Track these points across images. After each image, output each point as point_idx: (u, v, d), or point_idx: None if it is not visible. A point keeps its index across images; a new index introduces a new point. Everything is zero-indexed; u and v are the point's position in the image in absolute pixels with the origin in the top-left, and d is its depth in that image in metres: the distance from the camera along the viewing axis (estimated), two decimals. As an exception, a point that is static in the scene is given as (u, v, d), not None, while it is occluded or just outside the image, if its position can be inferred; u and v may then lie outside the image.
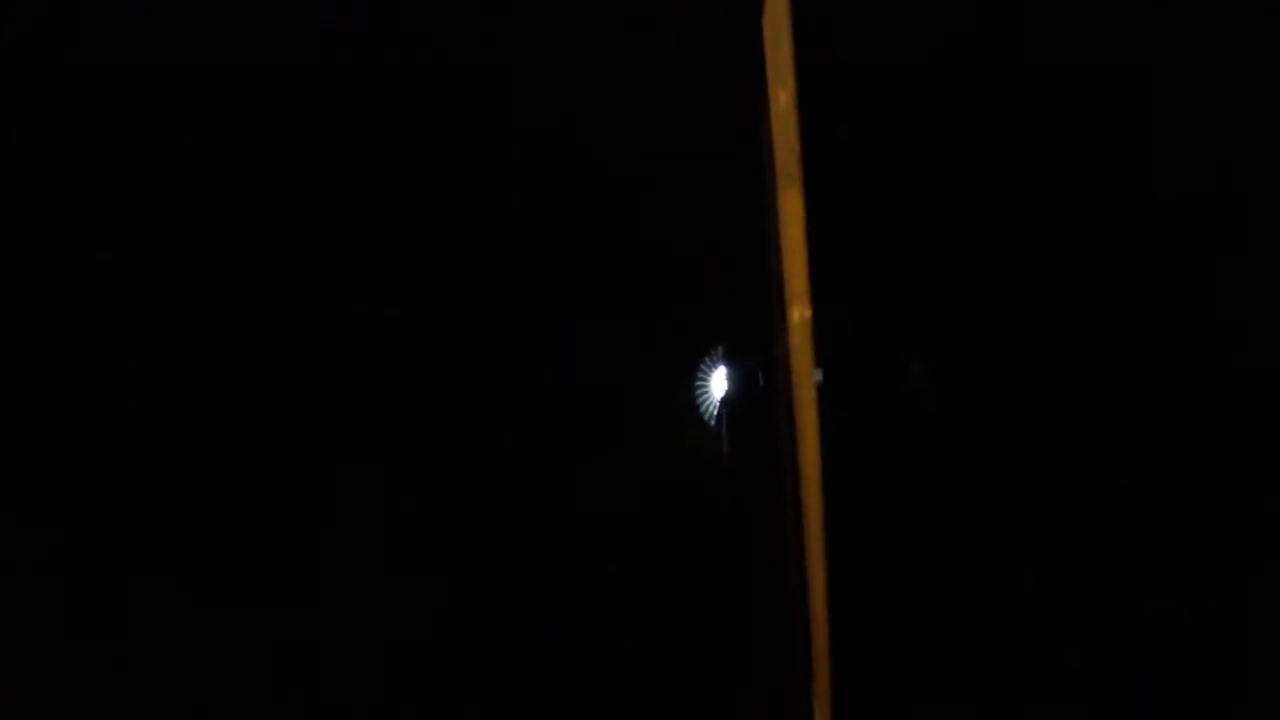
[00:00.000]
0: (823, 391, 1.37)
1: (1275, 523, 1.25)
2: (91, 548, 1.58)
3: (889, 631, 1.33)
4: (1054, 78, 1.36)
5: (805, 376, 1.40)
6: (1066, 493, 1.31)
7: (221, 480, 1.60)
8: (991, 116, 1.38)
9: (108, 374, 1.60)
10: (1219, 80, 1.31)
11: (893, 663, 1.32)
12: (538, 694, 1.60)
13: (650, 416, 1.66)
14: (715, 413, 1.64)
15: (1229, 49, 1.31)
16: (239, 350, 1.62)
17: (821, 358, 1.38)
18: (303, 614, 1.60)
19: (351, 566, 1.62)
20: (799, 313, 1.41)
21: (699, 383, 1.65)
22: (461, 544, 1.64)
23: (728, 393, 1.63)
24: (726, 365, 1.63)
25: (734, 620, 1.57)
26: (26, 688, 1.52)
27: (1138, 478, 1.30)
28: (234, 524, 1.60)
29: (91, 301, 1.60)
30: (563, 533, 1.63)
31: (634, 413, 1.66)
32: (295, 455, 1.62)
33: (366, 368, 1.63)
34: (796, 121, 1.41)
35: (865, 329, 1.40)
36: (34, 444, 1.58)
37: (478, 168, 1.66)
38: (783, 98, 1.44)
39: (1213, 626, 1.26)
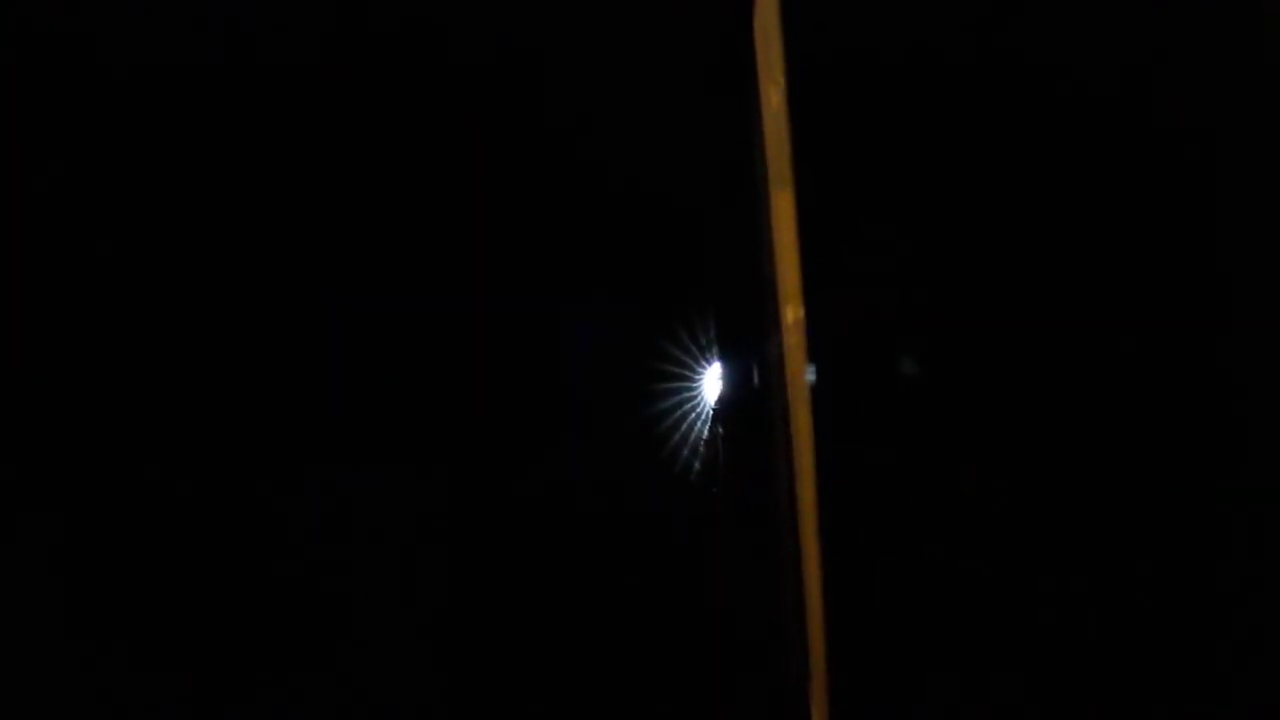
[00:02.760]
0: (816, 391, 1.37)
1: (1274, 523, 1.26)
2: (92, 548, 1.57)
3: (887, 632, 1.33)
4: (1051, 78, 1.36)
5: (799, 377, 1.40)
6: (1065, 491, 1.32)
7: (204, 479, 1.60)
8: (987, 116, 1.38)
9: (105, 374, 1.59)
10: (1222, 79, 1.32)
11: (891, 664, 1.32)
12: (534, 696, 1.60)
13: (643, 418, 1.66)
14: (708, 414, 1.64)
15: (1231, 47, 1.31)
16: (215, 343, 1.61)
17: (815, 358, 1.38)
18: (287, 612, 1.60)
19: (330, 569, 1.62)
20: (792, 313, 1.41)
21: (691, 384, 1.65)
22: (451, 548, 1.64)
23: (721, 394, 1.62)
24: (719, 366, 1.63)
25: (730, 622, 1.57)
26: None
27: (1136, 475, 1.30)
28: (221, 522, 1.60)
29: (90, 300, 1.60)
30: (555, 535, 1.63)
31: (626, 415, 1.66)
32: (268, 453, 1.61)
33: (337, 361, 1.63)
34: (788, 121, 1.41)
35: (859, 329, 1.40)
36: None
37: (464, 166, 1.65)
38: (774, 97, 1.44)
39: (1214, 627, 1.26)
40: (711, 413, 1.64)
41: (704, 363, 1.64)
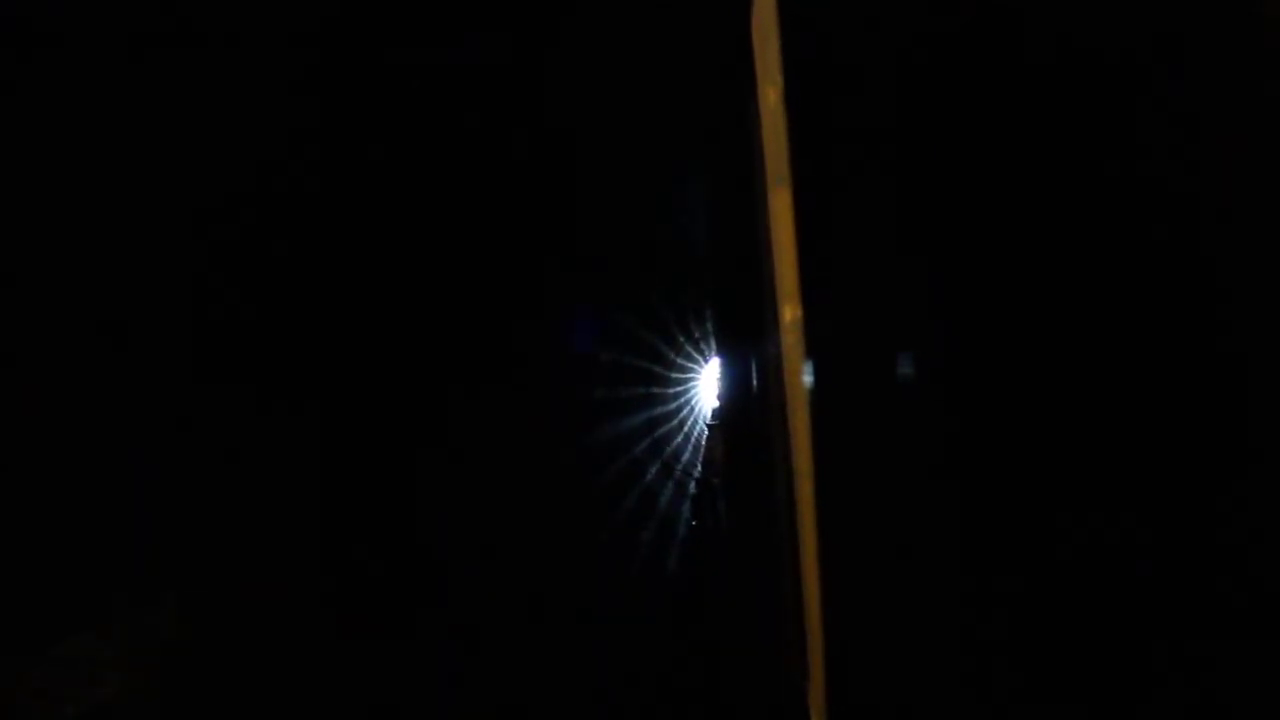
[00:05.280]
0: (815, 391, 1.37)
1: (1274, 523, 1.25)
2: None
3: (885, 634, 1.33)
4: (1050, 76, 1.35)
5: (797, 376, 1.40)
6: (1064, 492, 1.31)
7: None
8: (985, 114, 1.37)
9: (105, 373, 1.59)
10: (1224, 77, 1.31)
11: (890, 665, 1.32)
12: (539, 696, 1.60)
13: (641, 418, 1.66)
14: (708, 414, 1.64)
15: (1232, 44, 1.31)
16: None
17: (813, 357, 1.38)
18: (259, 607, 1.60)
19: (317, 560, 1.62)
20: (790, 312, 1.41)
21: (689, 383, 1.65)
22: (461, 548, 1.63)
23: (719, 392, 1.62)
24: (718, 364, 1.63)
25: (728, 624, 1.57)
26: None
27: (1136, 478, 1.30)
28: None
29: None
30: (556, 537, 1.63)
31: (625, 415, 1.66)
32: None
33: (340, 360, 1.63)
34: (786, 120, 1.40)
35: (858, 328, 1.39)
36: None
37: (464, 167, 1.65)
38: (772, 96, 1.44)
39: (1215, 628, 1.26)
40: (709, 411, 1.64)
41: (702, 361, 1.64)
